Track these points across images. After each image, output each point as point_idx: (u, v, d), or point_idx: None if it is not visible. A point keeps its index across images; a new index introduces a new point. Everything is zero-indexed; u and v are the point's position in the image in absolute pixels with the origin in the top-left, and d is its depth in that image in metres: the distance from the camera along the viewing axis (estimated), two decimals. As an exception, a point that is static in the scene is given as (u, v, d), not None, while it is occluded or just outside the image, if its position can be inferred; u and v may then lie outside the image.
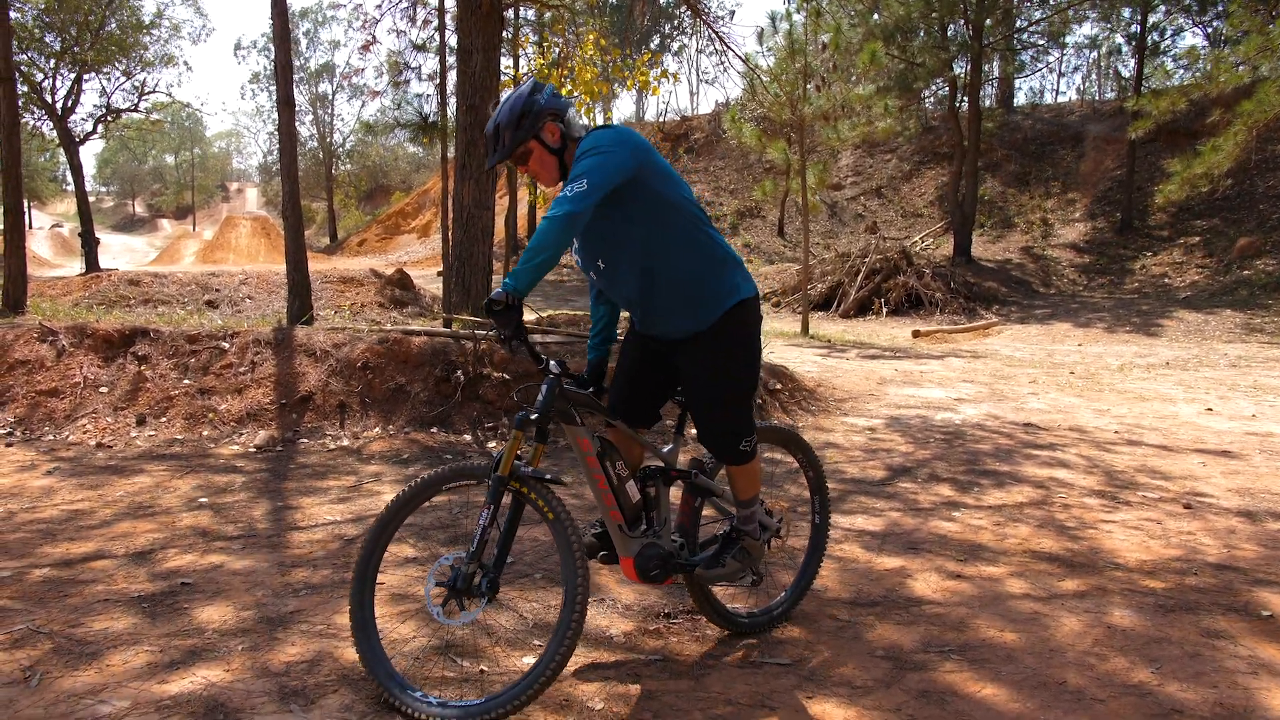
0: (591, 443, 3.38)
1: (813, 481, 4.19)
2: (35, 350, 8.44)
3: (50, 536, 5.05)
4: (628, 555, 3.46)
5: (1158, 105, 21.66)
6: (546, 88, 3.39)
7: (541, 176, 3.43)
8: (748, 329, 3.48)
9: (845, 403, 10.10)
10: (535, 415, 3.22)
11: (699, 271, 3.37)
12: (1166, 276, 24.77)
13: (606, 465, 3.41)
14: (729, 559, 3.69)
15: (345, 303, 15.26)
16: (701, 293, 3.38)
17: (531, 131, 3.31)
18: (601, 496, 3.43)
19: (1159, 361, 14.62)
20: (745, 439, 3.51)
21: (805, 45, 18.33)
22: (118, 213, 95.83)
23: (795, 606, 4.07)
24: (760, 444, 3.96)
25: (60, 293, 16.30)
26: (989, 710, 3.21)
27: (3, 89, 11.23)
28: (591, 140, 3.21)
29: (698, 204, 3.44)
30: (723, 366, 3.44)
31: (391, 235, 53.37)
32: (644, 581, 3.50)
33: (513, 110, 3.30)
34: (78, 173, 33.69)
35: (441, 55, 14.53)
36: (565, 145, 3.39)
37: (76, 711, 3.05)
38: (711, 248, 3.41)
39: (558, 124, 3.36)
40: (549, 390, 3.25)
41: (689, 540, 3.71)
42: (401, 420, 7.88)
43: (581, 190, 3.04)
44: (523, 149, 3.35)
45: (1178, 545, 5.17)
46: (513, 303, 2.97)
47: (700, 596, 3.75)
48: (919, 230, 31.02)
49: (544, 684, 3.01)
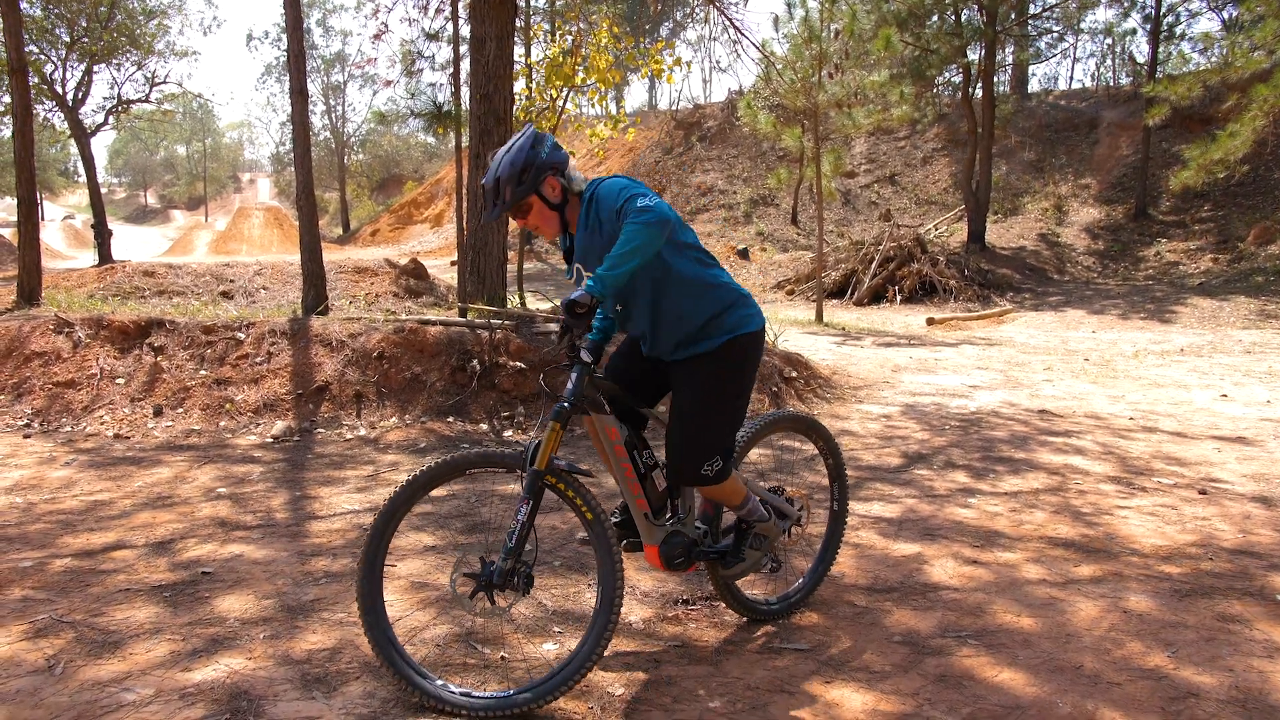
0: (620, 431, 3.39)
1: (832, 469, 4.21)
2: (52, 342, 8.50)
3: (70, 527, 5.10)
4: (653, 543, 3.47)
5: (1175, 91, 21.48)
6: (547, 140, 3.36)
7: (543, 230, 3.42)
8: (743, 357, 3.46)
9: (860, 390, 10.10)
10: (569, 404, 3.22)
11: (707, 312, 3.38)
12: (1181, 263, 24.62)
13: (634, 454, 3.42)
14: (746, 549, 3.69)
15: (360, 293, 15.29)
16: (708, 330, 3.40)
17: (533, 187, 3.30)
18: (628, 485, 3.43)
19: (1173, 348, 14.56)
20: (710, 461, 3.39)
21: (820, 32, 18.25)
22: (130, 204, 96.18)
23: (813, 593, 4.09)
24: (780, 430, 3.98)
25: (75, 284, 16.35)
26: (1006, 694, 3.23)
27: (15, 80, 11.25)
28: (620, 181, 3.28)
29: (703, 248, 3.46)
30: (713, 382, 3.42)
31: (404, 225, 53.36)
32: (669, 570, 3.51)
33: (513, 165, 3.27)
34: (89, 164, 33.73)
35: (455, 44, 14.49)
36: (566, 200, 3.40)
37: (101, 700, 3.09)
38: (719, 290, 3.42)
39: (559, 179, 3.36)
40: (579, 378, 3.26)
41: (712, 528, 3.72)
42: (418, 410, 7.91)
43: (661, 200, 3.12)
44: (524, 203, 3.35)
45: (1193, 531, 5.17)
46: (594, 305, 2.99)
47: (722, 585, 3.77)
48: (933, 217, 30.90)
49: (573, 683, 3.05)
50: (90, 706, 3.04)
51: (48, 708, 3.02)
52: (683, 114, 46.56)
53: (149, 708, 3.04)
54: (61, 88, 32.56)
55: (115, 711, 3.01)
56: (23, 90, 11.31)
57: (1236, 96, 20.83)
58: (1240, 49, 20.13)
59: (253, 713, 3.01)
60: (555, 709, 3.08)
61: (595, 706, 3.12)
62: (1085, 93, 39.19)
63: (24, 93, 11.32)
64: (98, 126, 36.44)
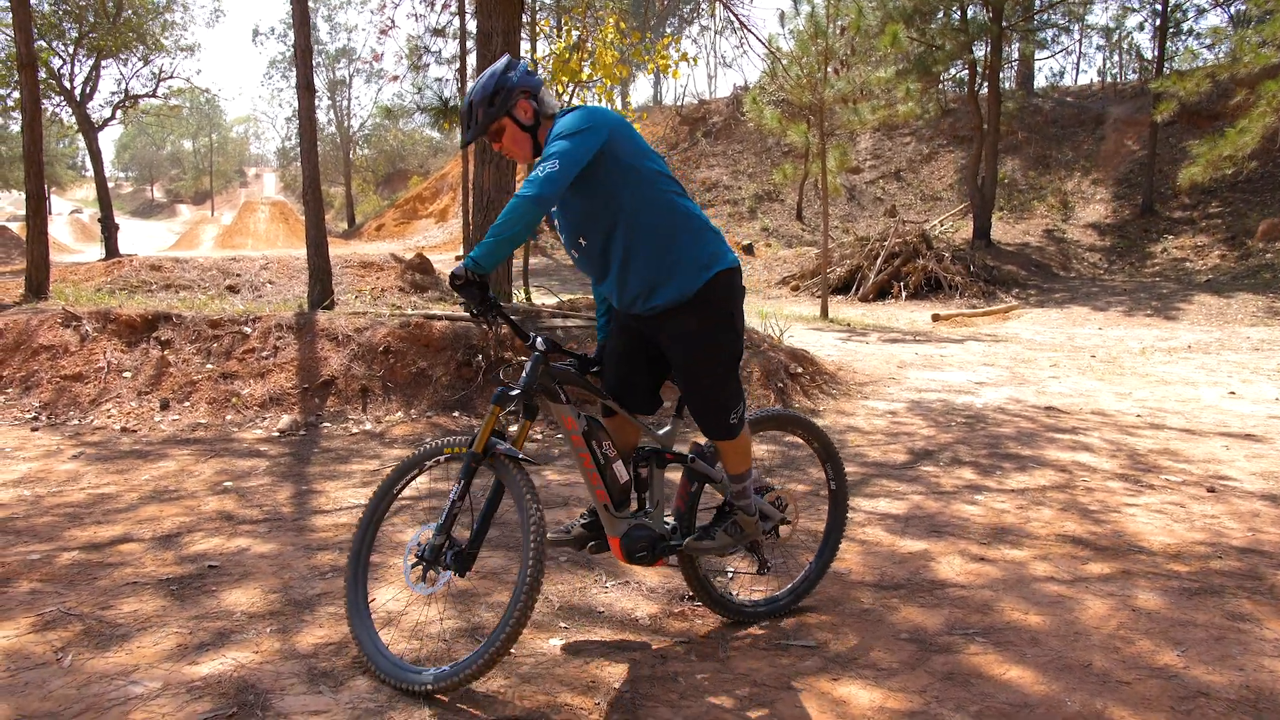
0: (577, 421, 3.38)
1: (820, 451, 4.09)
2: (59, 336, 8.51)
3: (78, 520, 5.10)
4: (614, 535, 3.45)
5: (1183, 86, 21.41)
6: (519, 65, 3.39)
7: (515, 153, 3.44)
8: (730, 298, 3.42)
9: (866, 386, 10.09)
10: (516, 392, 3.26)
11: (675, 240, 3.33)
12: (1188, 260, 24.56)
13: (592, 444, 3.40)
14: (720, 532, 3.66)
15: (365, 287, 15.28)
16: (679, 261, 3.33)
17: (504, 109, 3.32)
18: (587, 476, 3.43)
19: (1180, 345, 14.53)
20: (734, 411, 3.46)
21: (826, 28, 18.23)
22: (136, 198, 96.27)
23: (805, 594, 4.03)
24: (762, 432, 3.94)
25: (82, 278, 16.35)
26: (1014, 692, 3.22)
27: (24, 75, 11.27)
28: (564, 123, 3.21)
29: (672, 177, 3.42)
30: (707, 335, 3.38)
31: (409, 220, 53.36)
32: (631, 562, 3.48)
33: (485, 88, 3.32)
34: (97, 158, 33.81)
35: (461, 39, 14.52)
36: (539, 122, 3.40)
37: (108, 692, 3.09)
38: (687, 218, 3.37)
39: (530, 101, 3.37)
40: (533, 367, 3.30)
41: (684, 524, 3.67)
42: (424, 404, 7.91)
43: (553, 171, 3.04)
44: (496, 126, 3.36)
45: (1202, 529, 5.15)
46: (474, 278, 3.01)
47: (696, 582, 3.73)
48: (938, 213, 30.84)
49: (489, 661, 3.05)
50: (98, 699, 3.04)
51: (56, 699, 3.02)
52: (688, 109, 46.52)
53: (156, 701, 3.04)
54: (69, 82, 32.64)
55: (123, 704, 3.01)
56: (32, 85, 11.32)
57: (1245, 92, 20.71)
58: (1249, 44, 20.07)
59: (260, 706, 3.01)
60: (561, 703, 3.08)
61: (601, 702, 3.12)
62: (1092, 89, 39.09)
63: (33, 87, 11.33)
64: (105, 121, 36.56)
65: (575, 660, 3.44)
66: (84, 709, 2.98)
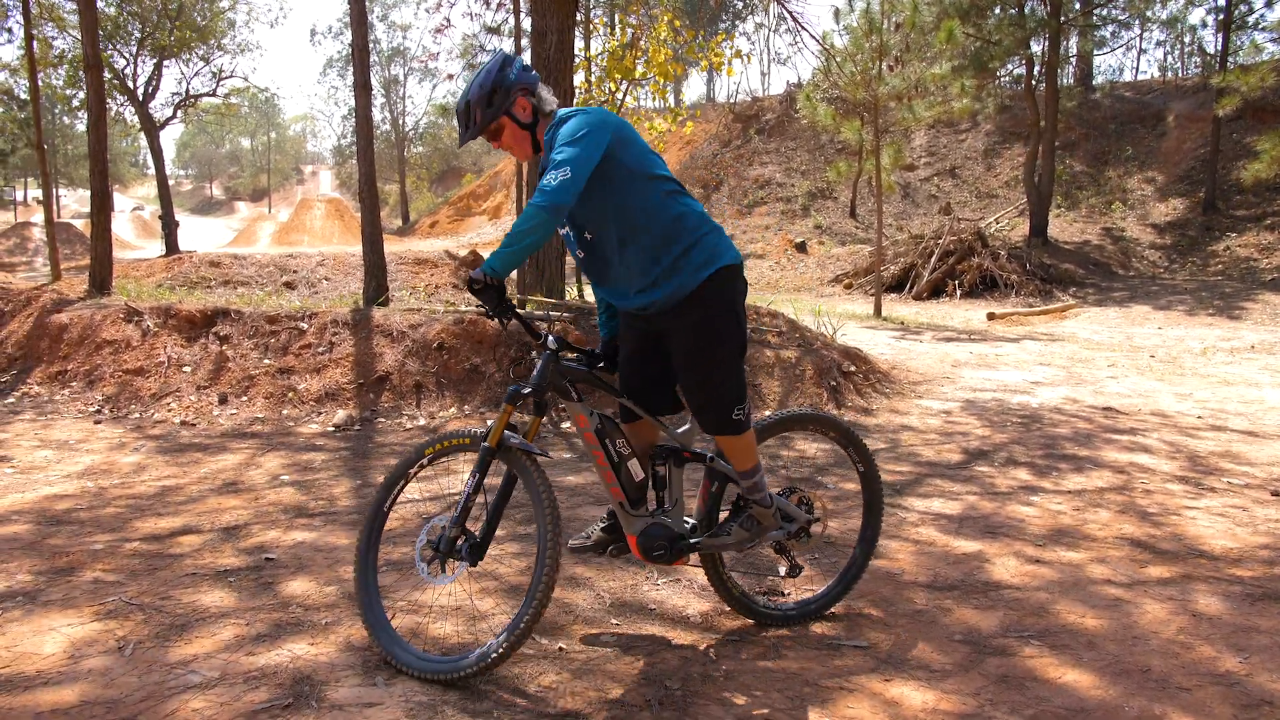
0: (589, 419, 3.40)
1: (840, 439, 3.93)
2: (122, 330, 8.68)
3: (140, 511, 5.20)
4: (631, 533, 3.46)
5: (1246, 81, 20.98)
6: (516, 62, 3.39)
7: (515, 151, 3.45)
8: (730, 293, 3.40)
9: (920, 385, 10.00)
10: (528, 390, 3.32)
11: (676, 239, 3.32)
12: (1252, 258, 24.02)
13: (606, 442, 3.42)
14: (735, 527, 3.63)
15: (420, 284, 15.43)
16: (679, 259, 3.32)
17: (503, 108, 3.32)
18: (602, 474, 3.45)
19: (1243, 345, 14.23)
20: (738, 406, 3.41)
21: (881, 24, 18.08)
22: (195, 195, 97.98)
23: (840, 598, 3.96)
24: (774, 437, 3.91)
25: (144, 274, 16.69)
26: (1071, 696, 3.18)
27: (91, 76, 11.48)
28: (567, 128, 3.22)
29: (673, 177, 3.41)
30: (708, 324, 3.35)
31: (463, 217, 53.71)
32: (649, 561, 3.48)
33: (483, 87, 3.31)
34: (158, 157, 34.45)
35: (516, 37, 14.59)
36: (537, 120, 3.40)
37: (168, 681, 3.15)
38: (688, 217, 3.36)
39: (529, 99, 3.37)
40: (544, 365, 3.36)
41: (706, 524, 3.65)
42: (477, 400, 7.97)
43: (565, 179, 3.06)
44: (494, 125, 3.37)
45: (1265, 533, 5.05)
46: (491, 283, 3.05)
47: (717, 582, 3.71)
48: (994, 211, 30.45)
49: (510, 648, 3.13)
50: (158, 687, 3.10)
51: (119, 687, 3.09)
52: (741, 107, 46.27)
53: (214, 690, 3.09)
54: (132, 83, 33.27)
55: (182, 693, 3.06)
56: (97, 86, 11.54)
57: (1311, 87, 20.27)
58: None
59: (314, 697, 3.06)
60: (613, 699, 3.09)
61: (653, 700, 3.12)
62: (1151, 84, 38.40)
63: (99, 88, 11.54)
64: (166, 120, 37.24)
65: (627, 656, 3.45)
66: (144, 697, 3.04)
